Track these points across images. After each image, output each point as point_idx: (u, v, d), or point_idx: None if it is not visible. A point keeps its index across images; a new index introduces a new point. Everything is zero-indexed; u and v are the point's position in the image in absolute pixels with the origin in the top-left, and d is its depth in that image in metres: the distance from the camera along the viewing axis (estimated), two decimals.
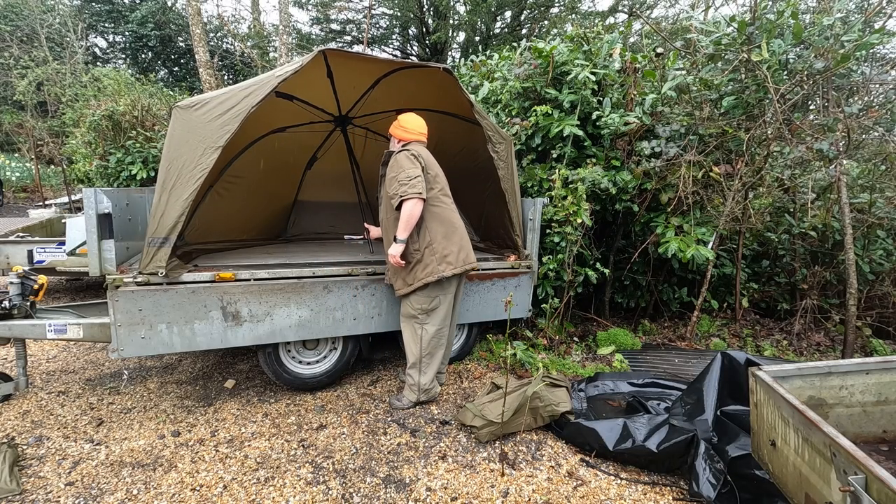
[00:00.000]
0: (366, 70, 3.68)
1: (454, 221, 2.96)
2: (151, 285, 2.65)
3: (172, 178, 2.56)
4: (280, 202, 4.72)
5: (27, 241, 4.67)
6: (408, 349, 3.07)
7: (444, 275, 2.83)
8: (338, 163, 4.70)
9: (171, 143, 2.60)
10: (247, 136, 3.82)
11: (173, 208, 2.56)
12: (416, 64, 3.34)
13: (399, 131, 2.97)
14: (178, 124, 2.61)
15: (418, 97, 3.83)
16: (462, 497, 2.33)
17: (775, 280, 4.85)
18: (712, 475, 2.27)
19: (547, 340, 4.07)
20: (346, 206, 5.00)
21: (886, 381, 2.11)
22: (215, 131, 2.57)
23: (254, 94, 2.61)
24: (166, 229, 2.58)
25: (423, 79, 3.65)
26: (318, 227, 4.95)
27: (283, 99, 3.76)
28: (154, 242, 2.60)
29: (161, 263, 2.60)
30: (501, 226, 3.82)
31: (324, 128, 4.41)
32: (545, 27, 14.05)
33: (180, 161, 2.56)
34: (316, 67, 3.40)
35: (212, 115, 2.59)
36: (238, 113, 2.59)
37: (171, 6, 18.30)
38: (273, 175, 4.35)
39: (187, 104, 2.64)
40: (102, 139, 5.77)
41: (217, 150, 2.56)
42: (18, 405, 3.06)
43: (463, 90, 3.14)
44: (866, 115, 3.75)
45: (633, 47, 8.30)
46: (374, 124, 4.48)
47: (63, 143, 10.68)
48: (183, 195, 2.56)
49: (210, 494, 2.30)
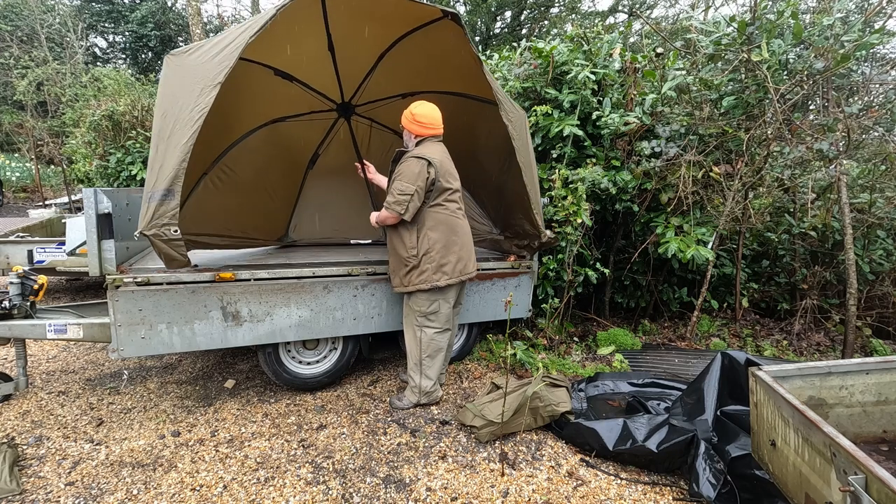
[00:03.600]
0: (368, 36, 3.31)
1: (457, 228, 2.93)
2: (151, 285, 2.64)
3: (169, 126, 2.32)
4: (280, 202, 4.36)
5: (27, 241, 4.68)
6: (409, 351, 3.08)
7: (437, 284, 2.84)
8: (342, 159, 4.36)
9: (165, 91, 2.41)
10: (244, 125, 3.60)
11: (172, 156, 2.27)
12: (422, 19, 3.01)
13: (414, 125, 2.87)
14: (172, 71, 2.44)
15: (424, 76, 3.57)
16: (462, 497, 2.33)
17: (775, 280, 4.85)
18: (712, 475, 2.27)
19: (547, 340, 4.07)
20: (352, 207, 4.62)
21: (886, 381, 2.11)
22: (213, 69, 2.34)
23: (251, 28, 2.38)
24: (167, 179, 2.24)
25: (428, 47, 3.30)
26: (322, 230, 4.60)
27: (281, 79, 3.49)
28: (154, 196, 2.25)
29: (167, 220, 2.25)
30: (520, 209, 3.45)
31: (326, 118, 4.10)
32: (545, 27, 14.06)
33: (176, 107, 2.33)
34: (315, 31, 3.15)
35: (208, 56, 2.41)
36: (236, 47, 2.34)
37: (171, 6, 18.31)
38: (273, 173, 4.09)
39: (180, 51, 2.50)
40: (102, 139, 5.78)
41: (215, 88, 2.30)
42: (18, 405, 3.06)
43: (472, 44, 2.83)
44: (866, 115, 3.75)
45: (633, 47, 8.30)
46: (379, 113, 4.12)
47: (63, 143, 10.68)
48: (182, 139, 2.27)
49: (210, 494, 2.30)
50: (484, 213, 4.11)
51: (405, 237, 2.85)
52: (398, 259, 2.91)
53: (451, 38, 2.97)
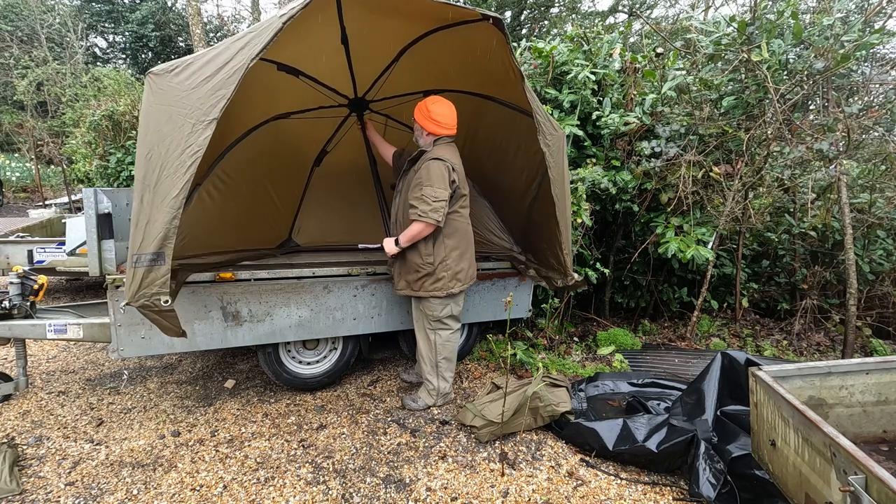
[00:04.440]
0: (390, 30, 2.94)
1: (468, 235, 2.94)
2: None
3: (155, 171, 1.96)
4: (283, 203, 3.99)
5: (27, 241, 4.68)
6: (423, 355, 3.06)
7: (452, 291, 2.85)
8: (351, 157, 4.01)
9: (148, 122, 2.01)
10: (242, 124, 3.19)
11: (161, 211, 1.94)
12: (456, 19, 2.63)
13: (430, 123, 2.74)
14: (155, 96, 2.02)
15: (451, 75, 3.21)
16: (462, 497, 2.33)
17: (775, 280, 4.85)
18: (712, 475, 2.27)
19: (547, 340, 4.07)
20: (360, 208, 4.25)
21: (886, 381, 2.11)
22: (205, 99, 1.95)
23: (251, 44, 1.97)
24: (156, 241, 1.94)
25: (459, 46, 2.91)
26: (328, 234, 4.22)
27: (286, 74, 3.09)
28: (141, 261, 1.96)
29: (157, 288, 1.99)
30: (547, 239, 3.12)
31: (335, 113, 3.66)
32: (545, 27, 14.06)
33: (163, 146, 1.96)
34: (327, 25, 2.81)
35: (198, 79, 1.98)
36: (233, 70, 1.95)
37: (171, 6, 18.31)
38: (275, 172, 3.71)
39: (163, 69, 2.05)
40: (102, 139, 5.78)
41: (210, 125, 1.94)
42: (18, 405, 3.06)
43: (513, 55, 2.46)
44: (866, 115, 3.75)
45: (633, 47, 8.30)
46: (396, 110, 3.68)
47: (63, 143, 10.68)
48: (172, 191, 1.93)
49: (210, 494, 2.30)
50: (504, 228, 3.81)
51: (420, 244, 2.78)
52: (409, 264, 2.84)
53: (489, 42, 2.63)
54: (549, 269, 3.26)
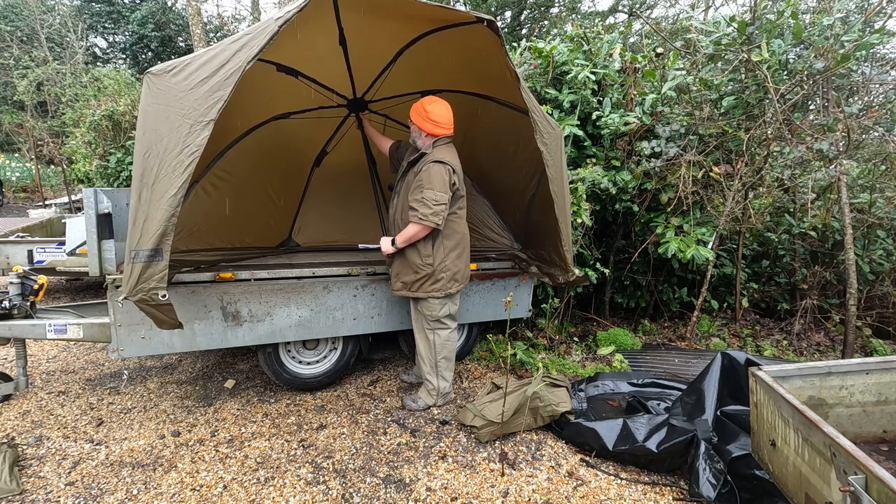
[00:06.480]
0: (387, 31, 3.00)
1: (465, 236, 2.96)
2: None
3: (153, 170, 2.02)
4: (283, 203, 4.07)
5: (27, 241, 4.68)
6: (423, 355, 3.06)
7: (450, 291, 2.87)
8: (351, 157, 4.09)
9: (146, 122, 2.06)
10: (242, 123, 3.29)
11: (159, 209, 2.01)
12: (450, 21, 2.69)
13: (428, 124, 2.75)
14: (153, 96, 2.07)
15: (450, 75, 3.27)
16: (462, 497, 2.33)
17: (775, 280, 4.85)
18: (712, 475, 2.27)
19: (547, 340, 4.07)
20: (360, 209, 4.35)
21: (886, 381, 2.11)
22: (203, 100, 2.01)
23: (248, 46, 2.04)
24: (154, 238, 2.01)
25: (456, 47, 2.99)
26: (328, 234, 4.30)
27: (285, 74, 3.16)
28: (139, 256, 2.03)
29: (155, 283, 2.05)
30: (548, 236, 3.18)
31: (335, 114, 3.75)
32: (545, 27, 14.05)
33: (161, 146, 2.02)
34: (325, 27, 2.88)
35: (195, 80, 2.04)
36: (231, 72, 2.01)
37: (171, 6, 18.30)
38: (274, 172, 3.80)
39: (161, 69, 2.09)
40: (102, 139, 5.78)
41: (208, 126, 2.00)
42: (18, 405, 3.06)
43: (508, 56, 2.51)
44: (866, 115, 3.75)
45: (633, 47, 8.29)
46: (395, 110, 3.77)
47: (63, 143, 10.68)
48: (169, 190, 1.99)
49: (210, 494, 2.30)
50: (504, 226, 3.87)
51: (419, 245, 2.78)
52: (408, 265, 2.83)
53: (484, 44, 2.70)
54: (550, 265, 3.28)
